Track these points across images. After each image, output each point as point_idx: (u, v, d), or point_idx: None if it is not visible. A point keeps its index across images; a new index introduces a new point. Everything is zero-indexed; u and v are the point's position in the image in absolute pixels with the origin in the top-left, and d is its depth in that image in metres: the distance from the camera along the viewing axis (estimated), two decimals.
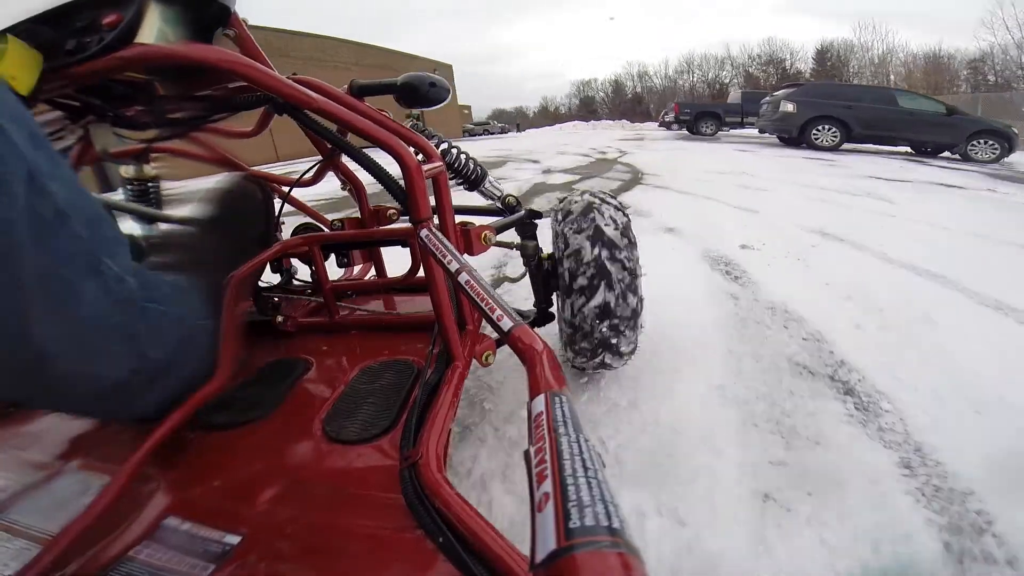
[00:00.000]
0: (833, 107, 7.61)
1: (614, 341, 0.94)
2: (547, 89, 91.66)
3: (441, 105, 0.87)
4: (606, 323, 0.92)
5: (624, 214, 0.98)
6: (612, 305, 0.90)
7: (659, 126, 17.89)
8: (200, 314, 0.63)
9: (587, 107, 56.88)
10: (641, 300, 0.97)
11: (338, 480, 0.55)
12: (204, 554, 0.46)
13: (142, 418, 0.58)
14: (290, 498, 0.53)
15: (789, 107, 7.81)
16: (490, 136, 24.77)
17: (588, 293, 0.90)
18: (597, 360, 0.98)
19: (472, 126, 29.99)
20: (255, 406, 0.68)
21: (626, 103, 54.03)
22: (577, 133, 20.45)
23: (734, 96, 12.84)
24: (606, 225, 0.92)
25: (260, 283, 0.94)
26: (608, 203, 0.97)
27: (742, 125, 12.06)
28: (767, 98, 8.72)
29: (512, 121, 45.39)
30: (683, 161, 6.37)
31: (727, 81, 47.62)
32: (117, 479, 0.49)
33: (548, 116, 56.70)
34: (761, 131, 9.05)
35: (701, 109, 12.40)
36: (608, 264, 0.90)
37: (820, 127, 7.69)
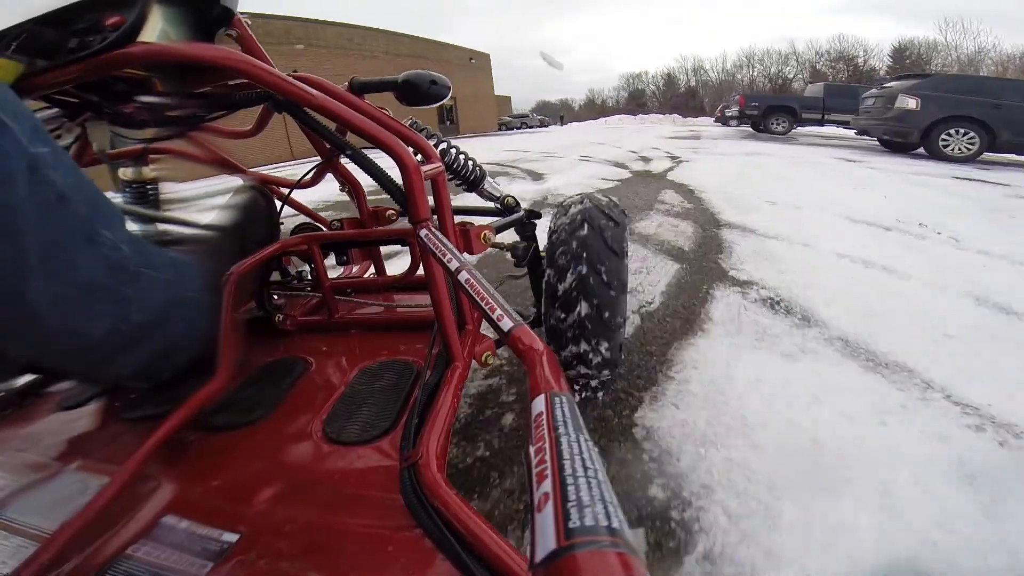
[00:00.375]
0: (973, 105, 5.84)
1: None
2: (594, 82, 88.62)
3: (439, 103, 0.88)
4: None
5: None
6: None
7: (715, 122, 15.72)
8: (192, 287, 0.66)
9: (636, 100, 54.32)
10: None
11: (338, 480, 0.55)
12: (202, 552, 0.46)
13: (117, 380, 0.63)
14: (290, 498, 0.53)
15: (910, 103, 5.81)
16: (527, 130, 22.78)
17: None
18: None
19: (509, 118, 27.96)
20: (256, 407, 0.69)
21: (678, 97, 51.19)
22: (621, 128, 18.32)
23: (813, 89, 10.64)
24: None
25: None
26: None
27: (822, 123, 9.80)
28: (872, 91, 6.69)
29: (556, 113, 42.92)
30: (778, 179, 4.11)
31: (791, 77, 43.97)
32: (117, 478, 0.50)
33: (594, 109, 54.16)
34: (861, 132, 7.05)
35: (773, 102, 10.26)
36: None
37: (952, 131, 5.95)
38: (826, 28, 68.51)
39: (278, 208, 0.96)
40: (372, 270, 1.22)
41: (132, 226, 0.81)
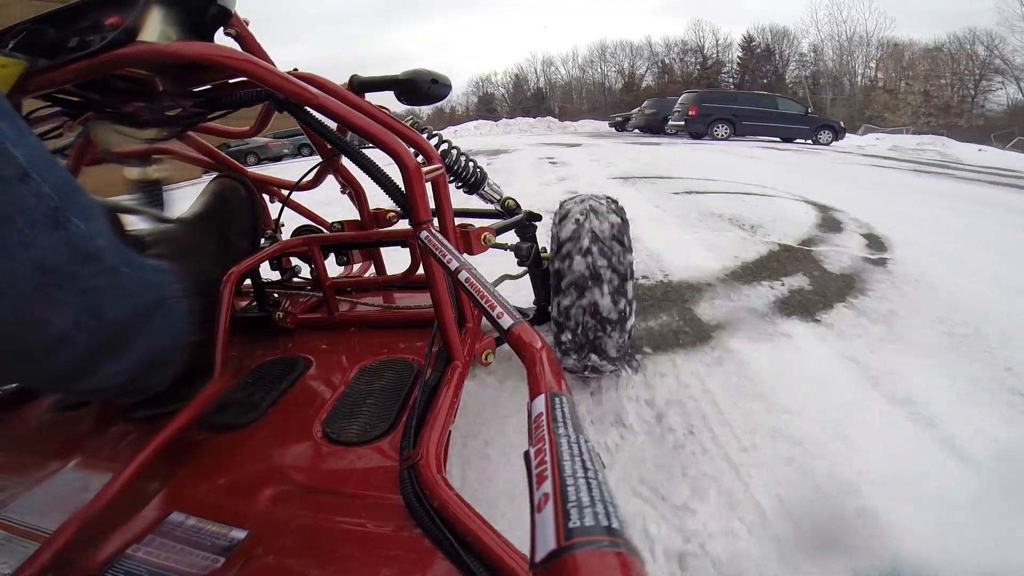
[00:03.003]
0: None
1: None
2: None
3: (436, 102, 0.85)
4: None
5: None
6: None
7: (610, 126, 12.35)
8: (177, 294, 0.61)
9: (486, 105, 45.40)
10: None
11: (339, 481, 0.53)
12: (210, 547, 0.44)
13: (108, 396, 0.57)
14: (291, 498, 0.51)
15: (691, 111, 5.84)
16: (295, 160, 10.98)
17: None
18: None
19: (266, 140, 12.68)
20: (255, 406, 0.65)
21: (528, 100, 43.10)
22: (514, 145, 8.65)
23: None
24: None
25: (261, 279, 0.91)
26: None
27: None
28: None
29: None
30: None
31: (642, 72, 38.58)
32: (119, 478, 0.47)
33: (443, 118, 43.92)
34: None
35: None
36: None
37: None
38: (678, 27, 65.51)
39: (276, 209, 0.92)
40: (372, 270, 1.17)
41: (140, 225, 0.76)
